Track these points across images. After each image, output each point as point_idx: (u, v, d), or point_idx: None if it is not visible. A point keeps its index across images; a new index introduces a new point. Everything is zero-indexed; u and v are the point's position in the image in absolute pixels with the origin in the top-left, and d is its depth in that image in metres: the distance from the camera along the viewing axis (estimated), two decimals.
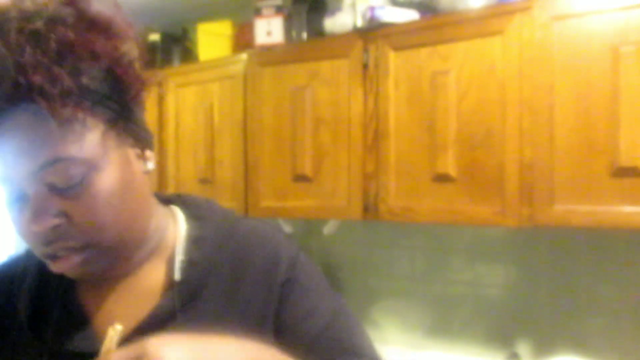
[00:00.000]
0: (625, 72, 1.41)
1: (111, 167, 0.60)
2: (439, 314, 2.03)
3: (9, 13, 0.55)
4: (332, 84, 1.92)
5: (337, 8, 2.02)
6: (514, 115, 1.57)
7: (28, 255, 0.73)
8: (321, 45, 1.99)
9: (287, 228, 2.31)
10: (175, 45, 2.63)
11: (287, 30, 2.11)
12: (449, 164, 1.68)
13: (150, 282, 0.68)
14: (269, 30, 2.10)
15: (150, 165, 0.66)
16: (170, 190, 2.47)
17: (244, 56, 2.18)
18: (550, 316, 1.81)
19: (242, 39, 2.30)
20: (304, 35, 2.08)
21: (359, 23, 1.89)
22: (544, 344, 1.83)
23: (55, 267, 0.61)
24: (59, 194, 0.57)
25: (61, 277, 0.67)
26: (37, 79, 0.52)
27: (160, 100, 2.50)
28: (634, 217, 1.40)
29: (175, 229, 0.72)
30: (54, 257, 0.60)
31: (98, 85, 0.58)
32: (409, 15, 1.82)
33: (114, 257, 0.64)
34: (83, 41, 0.56)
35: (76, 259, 0.60)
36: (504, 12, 1.60)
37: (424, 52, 1.73)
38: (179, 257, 0.68)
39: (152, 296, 0.67)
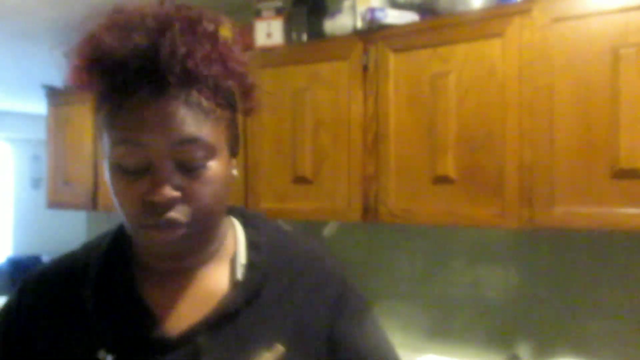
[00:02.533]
0: (625, 73, 1.41)
1: (222, 160, 0.68)
2: (439, 316, 2.03)
3: (171, 16, 0.64)
4: (332, 85, 1.92)
5: (337, 10, 2.02)
6: (514, 117, 1.57)
7: (87, 251, 0.78)
8: (321, 47, 1.99)
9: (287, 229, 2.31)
10: None
11: (287, 32, 2.11)
12: (449, 166, 1.68)
13: (212, 281, 0.73)
14: (269, 32, 2.10)
15: (235, 172, 0.73)
16: None
17: None
18: (550, 318, 1.81)
19: (242, 41, 2.29)
20: (304, 37, 2.08)
21: (359, 25, 1.89)
22: (544, 346, 1.82)
23: (158, 236, 0.65)
24: (182, 172, 0.64)
25: (126, 269, 0.73)
26: (202, 70, 0.62)
27: None
28: (634, 218, 1.39)
29: (234, 235, 0.78)
30: (158, 226, 0.64)
31: (233, 90, 0.68)
32: (409, 17, 1.82)
33: (202, 242, 0.71)
34: (231, 49, 0.67)
35: (178, 232, 0.65)
36: (504, 13, 1.60)
37: (424, 53, 1.74)
38: (240, 260, 0.74)
39: (214, 295, 0.72)
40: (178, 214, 0.64)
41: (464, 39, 1.66)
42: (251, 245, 0.76)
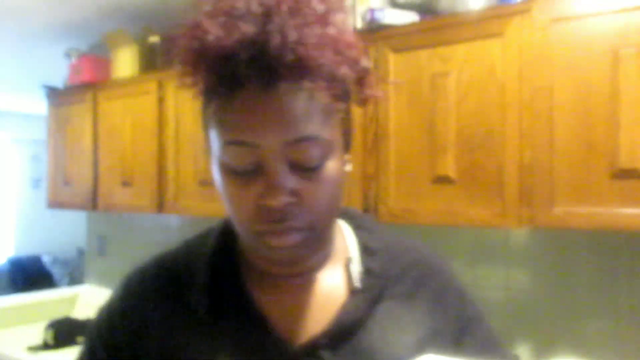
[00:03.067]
0: (625, 74, 1.41)
1: (337, 157, 0.62)
2: None
3: (285, 1, 0.57)
4: None
5: None
6: (514, 117, 1.57)
7: (193, 249, 0.73)
8: None
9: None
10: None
11: None
12: (449, 166, 1.68)
13: (328, 288, 0.69)
14: None
15: (349, 167, 0.68)
16: (171, 192, 2.47)
17: None
18: (550, 318, 1.81)
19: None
20: None
21: (359, 25, 1.89)
22: (544, 345, 1.82)
23: (275, 243, 0.60)
24: (297, 173, 0.58)
25: (235, 274, 0.69)
26: (315, 57, 0.55)
27: (160, 102, 2.50)
28: (634, 218, 1.39)
29: (343, 238, 0.73)
30: (273, 234, 0.60)
31: (345, 81, 0.60)
32: (408, 17, 1.82)
33: (319, 245, 0.66)
34: (344, 40, 0.58)
35: (296, 237, 0.60)
36: (504, 14, 1.60)
37: (424, 54, 1.73)
38: (356, 266, 0.70)
39: (332, 302, 0.67)
40: (295, 218, 0.59)
41: (464, 39, 1.66)
42: (366, 250, 0.71)
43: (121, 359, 0.70)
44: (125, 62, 2.74)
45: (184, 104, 2.41)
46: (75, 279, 6.05)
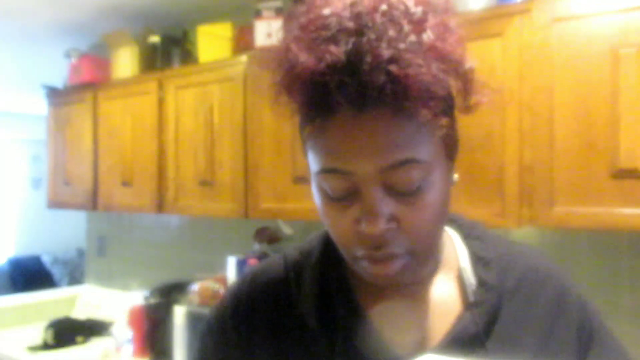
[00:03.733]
0: (625, 74, 1.41)
1: (440, 175, 0.58)
2: None
3: (368, 7, 0.54)
4: None
5: None
6: (514, 117, 1.57)
7: (297, 260, 0.72)
8: None
9: (288, 230, 2.31)
10: (175, 47, 2.63)
11: None
12: None
13: (440, 299, 0.66)
14: (269, 32, 2.10)
15: (456, 176, 0.64)
16: (171, 192, 2.47)
17: (244, 58, 2.18)
18: None
19: (242, 41, 2.30)
20: None
21: None
22: None
23: (374, 271, 0.59)
24: (394, 197, 0.56)
25: (342, 284, 0.66)
26: (410, 74, 0.51)
27: (160, 102, 2.50)
28: (634, 218, 1.39)
29: (452, 247, 0.70)
30: (374, 261, 0.58)
31: (447, 92, 0.57)
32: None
33: (422, 267, 0.63)
34: (437, 43, 0.54)
35: (396, 265, 0.58)
36: (504, 14, 1.60)
37: None
38: (470, 278, 0.66)
39: (446, 315, 0.65)
40: (395, 245, 0.57)
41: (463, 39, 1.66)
42: (479, 261, 0.67)
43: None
44: (125, 62, 2.74)
45: (184, 104, 2.41)
46: (75, 279, 6.06)
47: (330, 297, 0.66)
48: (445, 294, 0.66)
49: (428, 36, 0.54)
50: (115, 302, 3.06)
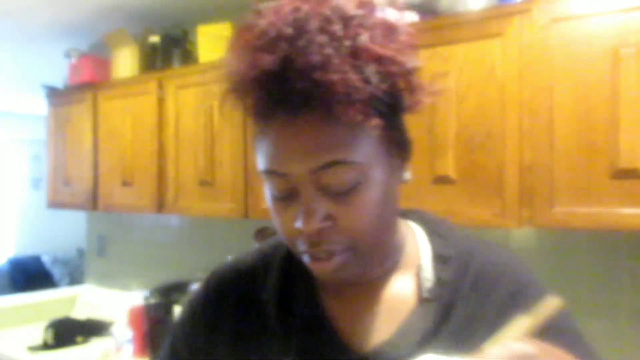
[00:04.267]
0: (625, 74, 1.41)
1: (379, 175, 0.60)
2: None
3: (308, 14, 0.56)
4: None
5: None
6: (514, 117, 1.57)
7: (264, 255, 0.75)
8: None
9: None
10: (176, 46, 2.63)
11: None
12: (449, 166, 1.68)
13: (396, 295, 0.68)
14: None
15: (407, 175, 0.67)
16: (171, 192, 2.47)
17: None
18: None
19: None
20: None
21: None
22: None
23: (314, 267, 0.62)
24: (330, 197, 0.58)
25: (305, 280, 0.69)
26: (336, 80, 0.53)
27: (160, 102, 2.50)
28: (634, 218, 1.39)
29: (415, 244, 0.71)
30: (313, 258, 0.61)
31: (382, 92, 0.57)
32: (408, 17, 1.81)
33: (367, 263, 0.64)
34: (374, 46, 0.56)
35: (335, 261, 0.60)
36: (504, 14, 1.60)
37: (424, 54, 1.73)
38: (427, 274, 0.67)
39: (400, 311, 0.66)
40: (331, 243, 0.59)
41: (464, 39, 1.66)
42: (438, 258, 0.68)
43: (199, 351, 0.74)
44: (125, 62, 2.74)
45: (184, 104, 2.41)
46: (75, 279, 6.05)
47: (292, 291, 0.69)
48: (402, 291, 0.68)
49: (364, 39, 0.56)
50: (115, 302, 3.06)
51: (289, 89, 0.55)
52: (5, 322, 3.01)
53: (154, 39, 2.67)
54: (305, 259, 0.62)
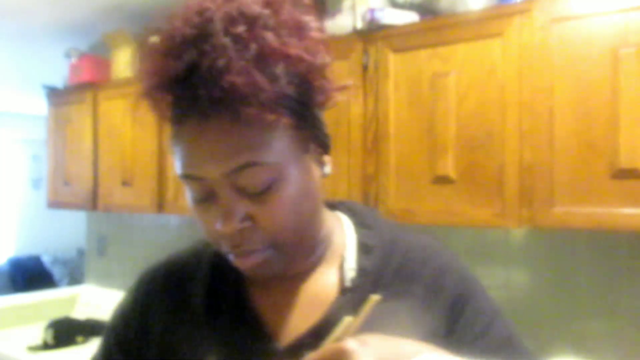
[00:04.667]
0: (625, 74, 1.41)
1: (296, 172, 0.61)
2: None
3: (213, 15, 0.56)
4: None
5: (337, 10, 2.02)
6: (514, 117, 1.57)
7: (196, 252, 0.76)
8: None
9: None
10: None
11: None
12: (449, 166, 1.68)
13: (321, 287, 0.69)
14: None
15: (327, 169, 0.67)
16: (171, 191, 2.47)
17: None
18: (550, 318, 1.81)
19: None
20: None
21: (359, 25, 1.89)
22: (544, 345, 1.82)
23: (238, 264, 0.63)
24: (247, 198, 0.59)
25: (234, 274, 0.69)
26: (240, 82, 0.53)
27: None
28: (634, 219, 1.39)
29: (342, 235, 0.72)
30: (235, 256, 0.62)
31: (292, 90, 0.58)
32: (408, 17, 1.82)
33: (291, 258, 0.65)
34: (280, 45, 0.56)
35: (257, 259, 0.61)
36: (504, 14, 1.60)
37: (424, 54, 1.73)
38: (350, 265, 0.69)
39: (323, 301, 0.68)
40: (252, 242, 0.60)
41: (464, 39, 1.66)
42: (362, 248, 0.70)
43: (132, 351, 0.74)
44: (125, 62, 2.74)
45: None
46: (75, 279, 6.05)
47: (220, 285, 0.71)
48: (327, 282, 0.69)
49: (270, 39, 0.56)
50: (115, 302, 3.05)
51: (196, 94, 0.55)
52: (5, 322, 3.01)
53: (154, 39, 2.66)
54: (230, 257, 0.63)
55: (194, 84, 0.55)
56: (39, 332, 2.68)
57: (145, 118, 2.56)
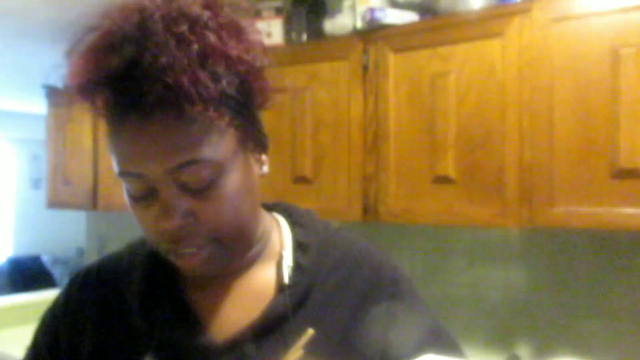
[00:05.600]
0: (624, 73, 1.41)
1: (236, 170, 0.61)
2: (439, 315, 2.02)
3: (154, 15, 0.56)
4: (331, 85, 1.92)
5: (337, 10, 2.02)
6: (514, 116, 1.57)
7: (131, 251, 0.76)
8: (321, 47, 1.99)
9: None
10: None
11: (287, 32, 2.11)
12: (449, 166, 1.68)
13: (258, 284, 0.70)
14: (269, 31, 2.10)
15: (265, 168, 0.68)
16: None
17: None
18: (550, 318, 1.81)
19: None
20: (304, 36, 2.08)
21: (359, 25, 1.89)
22: (544, 345, 1.82)
23: (180, 264, 0.63)
24: (189, 194, 0.59)
25: (168, 274, 0.70)
26: (184, 81, 0.54)
27: None
28: (634, 218, 1.39)
29: (280, 234, 0.74)
30: (177, 255, 0.62)
31: (233, 90, 0.59)
32: (408, 16, 1.82)
33: (232, 255, 0.66)
34: (221, 46, 0.57)
35: (200, 256, 0.61)
36: (504, 13, 1.60)
37: (424, 53, 1.73)
38: (287, 262, 0.70)
39: (262, 298, 0.68)
40: (195, 238, 0.60)
41: (464, 39, 1.66)
42: (298, 247, 0.72)
43: (60, 352, 0.73)
44: None
45: None
46: None
47: (156, 285, 0.70)
48: (264, 279, 0.70)
49: (211, 40, 0.56)
50: None
51: (138, 91, 0.54)
52: (5, 322, 3.01)
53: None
54: (171, 257, 0.63)
55: (136, 80, 0.54)
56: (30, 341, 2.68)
57: None
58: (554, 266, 1.81)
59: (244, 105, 0.62)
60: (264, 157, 0.68)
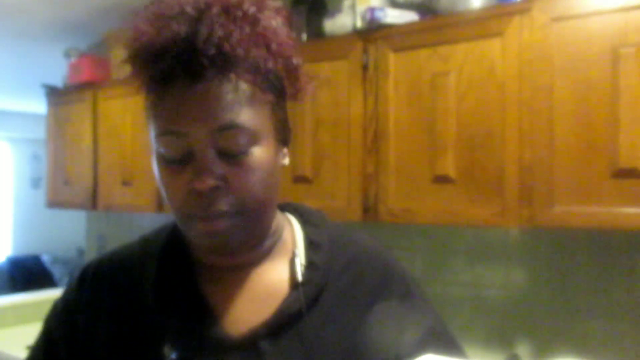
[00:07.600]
0: (624, 73, 1.41)
1: (267, 146, 0.65)
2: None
3: (216, 3, 0.62)
4: (331, 85, 1.92)
5: (337, 9, 2.02)
6: (514, 116, 1.57)
7: (144, 243, 0.77)
8: (321, 46, 1.99)
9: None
10: None
11: None
12: (449, 165, 1.68)
13: (271, 281, 0.72)
14: None
15: (286, 160, 0.72)
16: None
17: None
18: (550, 318, 1.81)
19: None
20: (304, 36, 2.08)
21: (359, 24, 1.89)
22: (544, 345, 1.82)
23: (204, 228, 0.64)
24: (224, 159, 0.62)
25: (182, 267, 0.72)
26: (239, 52, 0.60)
27: None
28: (634, 218, 1.39)
29: (292, 232, 0.76)
30: (202, 218, 0.63)
31: (277, 72, 0.66)
32: (408, 16, 1.82)
33: (251, 230, 0.67)
34: (275, 31, 0.64)
35: (225, 222, 0.63)
36: (504, 13, 1.60)
37: (424, 53, 1.73)
38: (300, 260, 0.72)
39: (275, 295, 0.70)
40: (223, 203, 0.62)
41: (464, 39, 1.66)
42: (311, 245, 0.74)
43: (77, 342, 0.73)
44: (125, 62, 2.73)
45: None
46: None
47: (170, 279, 0.71)
48: (278, 276, 0.72)
49: (263, 24, 0.63)
50: None
51: (195, 54, 0.59)
52: (5, 322, 3.01)
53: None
54: (194, 224, 0.64)
55: (193, 44, 0.59)
56: (38, 332, 2.68)
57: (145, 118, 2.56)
58: (554, 266, 1.81)
59: (282, 91, 0.67)
60: (285, 150, 0.72)
